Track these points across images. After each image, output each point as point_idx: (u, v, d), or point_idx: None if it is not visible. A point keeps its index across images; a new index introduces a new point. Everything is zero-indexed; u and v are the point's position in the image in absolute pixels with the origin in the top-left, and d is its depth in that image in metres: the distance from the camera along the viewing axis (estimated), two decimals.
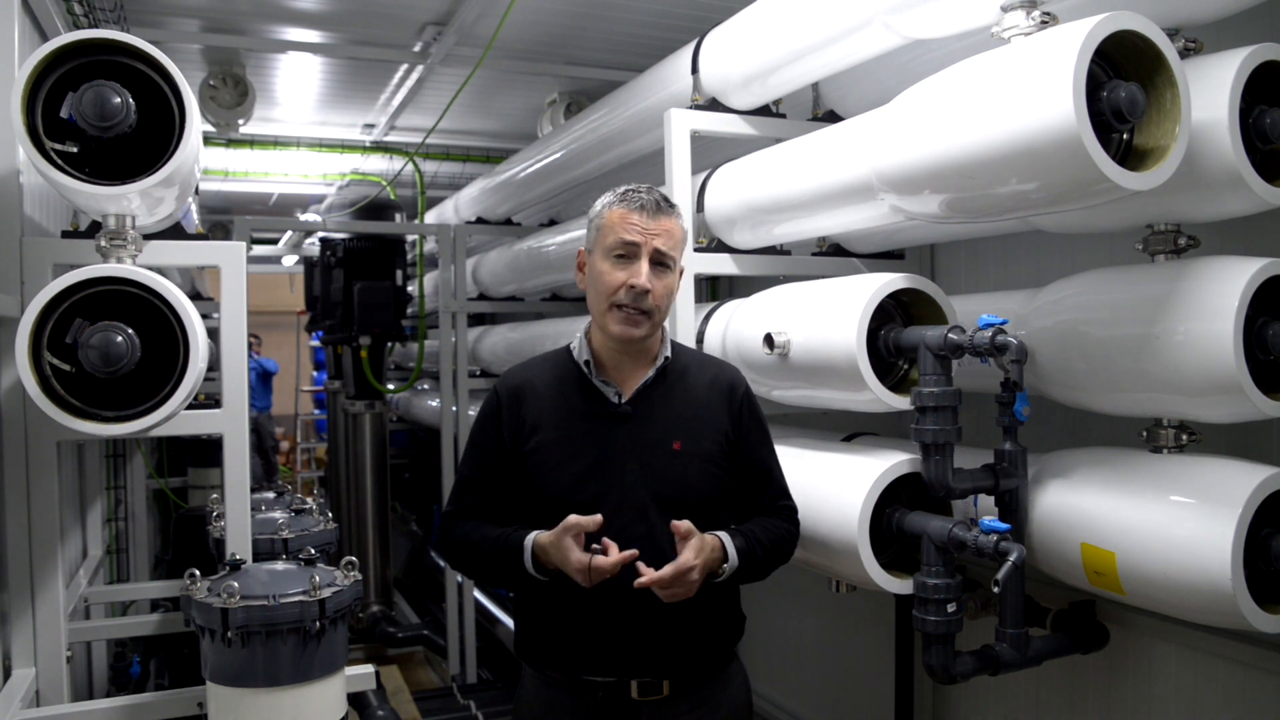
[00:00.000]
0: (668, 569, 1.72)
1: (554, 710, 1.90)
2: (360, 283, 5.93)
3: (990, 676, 2.10)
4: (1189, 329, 1.75)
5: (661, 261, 1.85)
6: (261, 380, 10.99)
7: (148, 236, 2.26)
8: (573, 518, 1.75)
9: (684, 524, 1.75)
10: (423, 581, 7.29)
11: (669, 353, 1.95)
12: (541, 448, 1.88)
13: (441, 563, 6.37)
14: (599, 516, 1.75)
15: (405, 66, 4.71)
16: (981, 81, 1.78)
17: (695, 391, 1.95)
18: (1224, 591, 1.68)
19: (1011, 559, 1.87)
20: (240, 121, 4.85)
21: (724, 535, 1.85)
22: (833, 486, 2.25)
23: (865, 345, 2.18)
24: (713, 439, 1.92)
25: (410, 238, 6.50)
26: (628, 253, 1.84)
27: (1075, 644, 2.26)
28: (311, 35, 4.32)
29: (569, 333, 1.98)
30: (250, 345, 11.04)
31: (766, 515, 1.98)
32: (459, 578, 5.44)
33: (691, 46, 2.98)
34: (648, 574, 1.72)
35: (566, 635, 1.87)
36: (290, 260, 10.11)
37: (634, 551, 1.73)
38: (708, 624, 1.90)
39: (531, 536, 1.81)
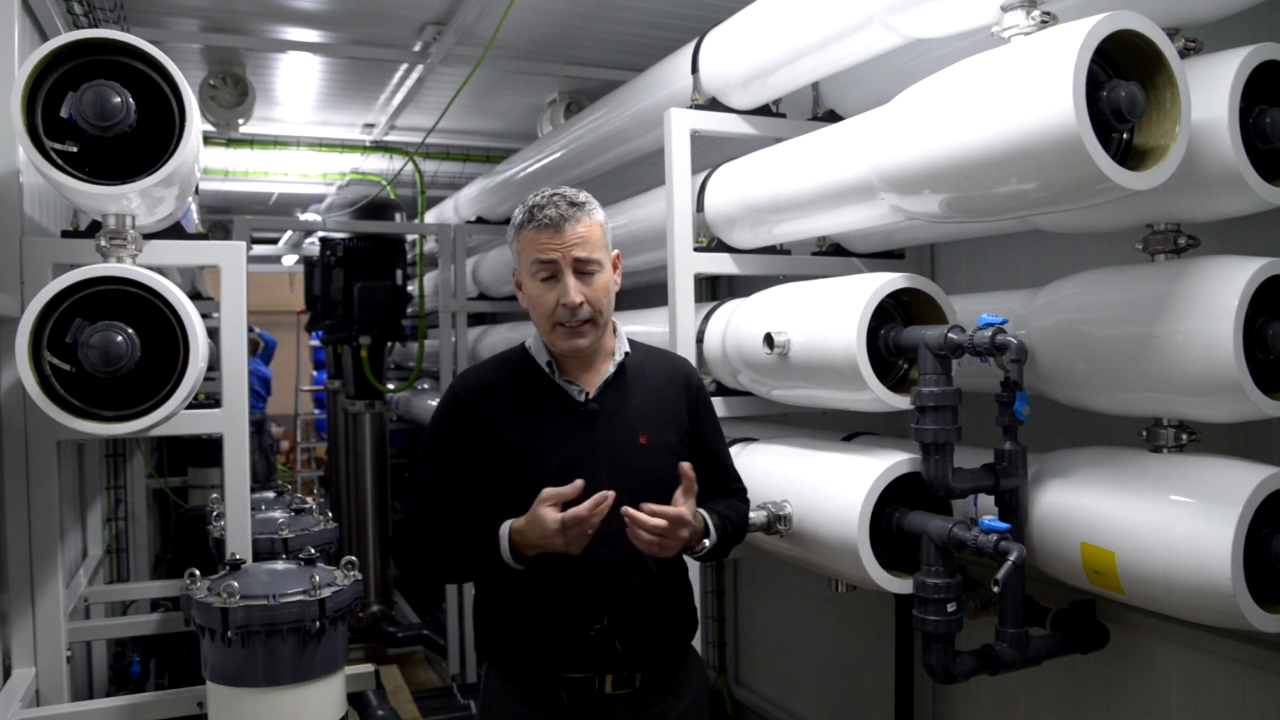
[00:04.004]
0: (670, 510, 1.72)
1: (524, 712, 1.88)
2: (360, 282, 5.93)
3: (990, 676, 2.10)
4: (1189, 329, 1.75)
5: (585, 269, 1.83)
6: (262, 383, 11.00)
7: (148, 236, 2.26)
8: (549, 489, 1.73)
9: (651, 510, 1.74)
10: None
11: (627, 348, 1.96)
12: (510, 449, 1.86)
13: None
14: (580, 482, 1.73)
15: (405, 66, 4.71)
16: (981, 81, 1.78)
17: (654, 385, 1.96)
18: (1224, 591, 1.68)
19: (1011, 558, 1.87)
20: (240, 121, 4.85)
21: (703, 512, 1.88)
22: (833, 486, 2.25)
23: (865, 345, 2.18)
24: (675, 431, 1.94)
25: (410, 237, 6.50)
26: (550, 272, 1.82)
27: (1075, 644, 2.26)
28: (311, 35, 4.32)
29: None
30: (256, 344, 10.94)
31: (724, 498, 2.03)
32: None
33: (691, 46, 2.98)
34: (646, 511, 1.71)
35: (538, 633, 1.84)
36: (290, 260, 10.11)
37: (603, 495, 1.70)
38: (674, 615, 1.93)
39: (507, 524, 1.79)
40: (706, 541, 1.87)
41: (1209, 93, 1.71)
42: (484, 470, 1.88)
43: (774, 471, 2.51)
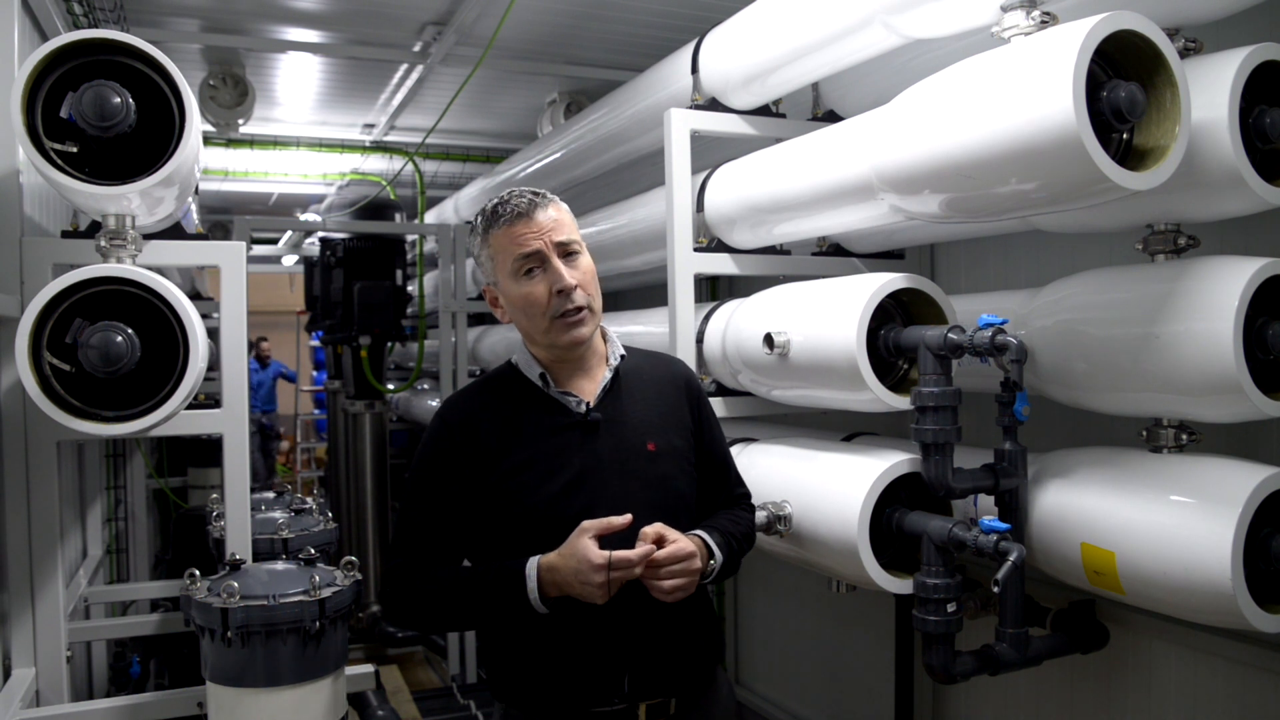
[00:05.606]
0: (665, 550, 1.65)
1: None
2: (360, 283, 5.93)
3: (990, 676, 2.10)
4: (1189, 329, 1.75)
5: (568, 251, 1.76)
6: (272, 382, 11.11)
7: (148, 236, 2.26)
8: (589, 521, 1.64)
9: (652, 529, 1.67)
10: None
11: (621, 351, 1.89)
12: (515, 471, 1.75)
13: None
14: (629, 516, 1.65)
15: (405, 66, 4.71)
16: (981, 81, 1.78)
17: (654, 388, 1.89)
18: (1224, 591, 1.68)
19: (1011, 559, 1.87)
20: (240, 121, 4.85)
21: (703, 533, 1.80)
22: (833, 486, 2.25)
23: (865, 345, 2.18)
24: (680, 435, 1.87)
25: (410, 238, 6.50)
26: (535, 263, 1.74)
27: (1075, 644, 2.26)
28: (311, 35, 4.32)
29: None
30: (263, 348, 10.96)
31: (728, 506, 1.96)
32: None
33: (691, 46, 2.98)
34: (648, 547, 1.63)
35: (565, 667, 1.74)
36: (290, 260, 10.11)
37: (651, 547, 1.64)
38: (700, 633, 1.85)
39: (534, 560, 1.67)
40: (713, 563, 1.77)
41: (1209, 93, 1.71)
42: (485, 500, 1.77)
43: (774, 471, 2.51)
